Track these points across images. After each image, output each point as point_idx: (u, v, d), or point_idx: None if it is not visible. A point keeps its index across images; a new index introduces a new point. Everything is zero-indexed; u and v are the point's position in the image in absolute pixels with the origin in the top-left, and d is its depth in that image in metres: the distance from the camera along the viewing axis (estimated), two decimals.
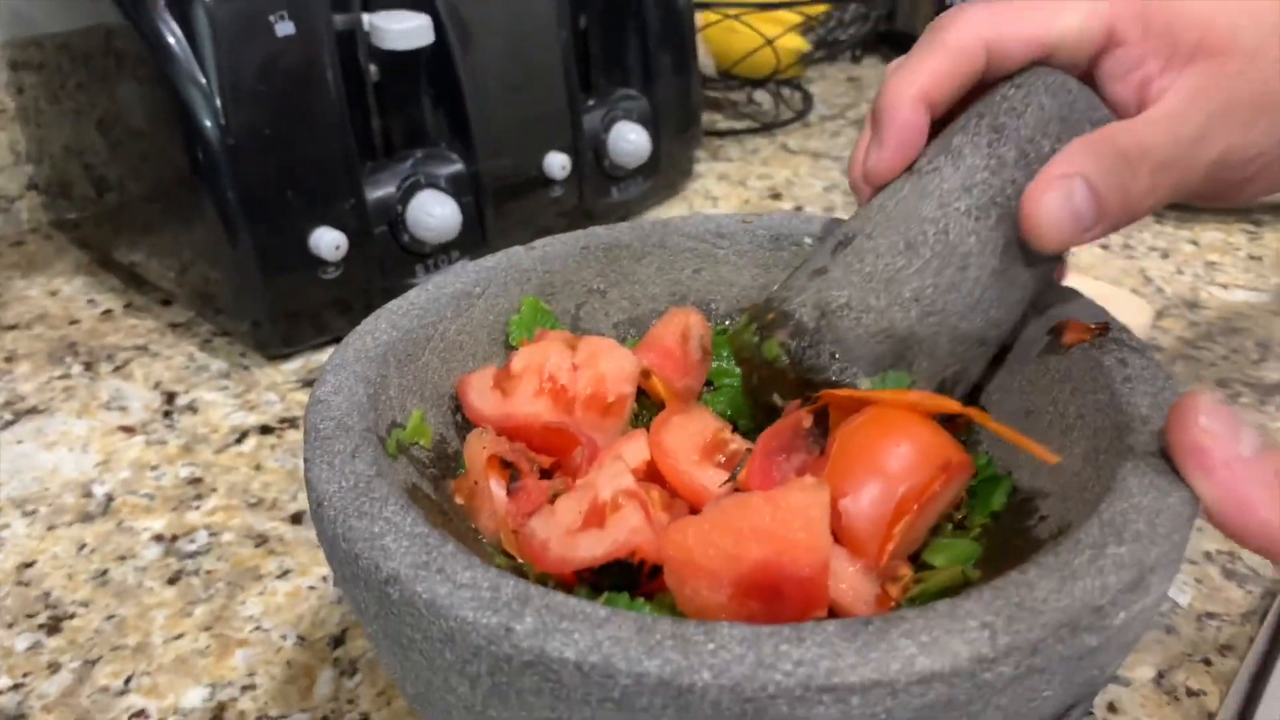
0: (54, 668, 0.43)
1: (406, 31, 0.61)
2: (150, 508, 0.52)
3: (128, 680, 0.42)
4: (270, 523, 0.50)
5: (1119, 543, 0.26)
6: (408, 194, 0.64)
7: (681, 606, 0.28)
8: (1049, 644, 0.24)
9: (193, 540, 0.49)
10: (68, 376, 0.63)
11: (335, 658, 0.43)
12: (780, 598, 0.27)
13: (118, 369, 0.63)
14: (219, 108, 0.56)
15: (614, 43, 0.77)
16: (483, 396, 0.37)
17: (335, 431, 0.31)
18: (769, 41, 0.93)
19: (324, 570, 0.47)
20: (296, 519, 0.50)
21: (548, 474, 0.35)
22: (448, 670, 0.26)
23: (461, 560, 0.26)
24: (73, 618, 0.45)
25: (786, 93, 1.06)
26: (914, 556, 0.32)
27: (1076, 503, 0.31)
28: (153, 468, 0.55)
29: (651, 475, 0.35)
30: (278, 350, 0.63)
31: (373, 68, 0.64)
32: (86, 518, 0.51)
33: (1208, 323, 0.66)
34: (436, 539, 0.27)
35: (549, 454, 0.35)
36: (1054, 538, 0.30)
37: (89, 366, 0.64)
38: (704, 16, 0.91)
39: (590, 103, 0.75)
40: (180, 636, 0.44)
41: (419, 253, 0.65)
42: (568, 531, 0.30)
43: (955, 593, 0.26)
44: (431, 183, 0.65)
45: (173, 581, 0.47)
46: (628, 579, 0.30)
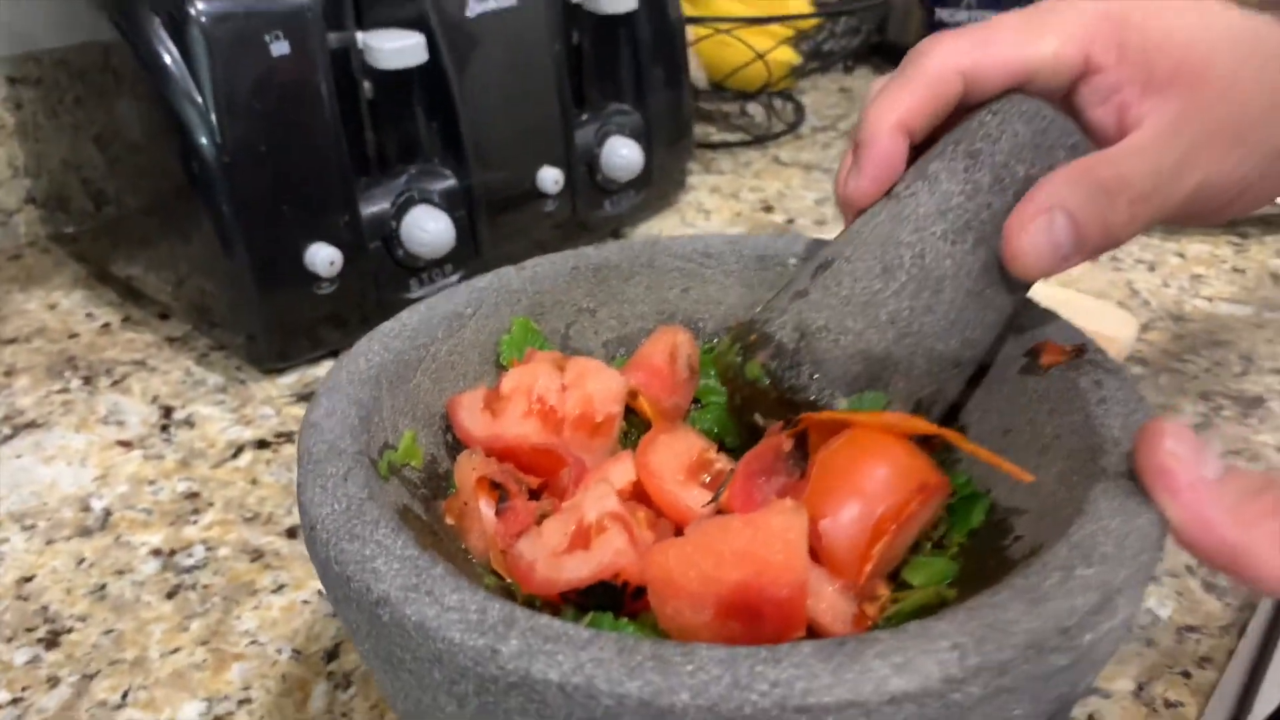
0: (53, 681, 0.43)
1: (400, 51, 0.62)
2: (148, 522, 0.52)
3: (125, 694, 0.43)
4: (266, 537, 0.51)
5: (1087, 565, 0.27)
6: (402, 209, 0.64)
7: (664, 626, 0.29)
8: (1017, 664, 0.25)
9: (190, 555, 0.50)
10: (66, 390, 0.64)
11: (330, 671, 0.43)
12: (760, 618, 0.28)
13: (116, 383, 0.64)
14: (215, 125, 0.57)
15: (606, 58, 0.78)
16: (473, 417, 0.37)
17: (328, 455, 0.32)
18: (760, 56, 0.93)
19: (318, 585, 0.48)
20: (292, 533, 0.51)
21: (536, 494, 0.36)
22: (436, 689, 0.27)
23: (450, 583, 0.27)
24: (71, 632, 0.46)
25: (779, 104, 1.07)
26: (894, 574, 0.33)
27: (1050, 522, 0.31)
28: (150, 482, 0.55)
29: (638, 495, 0.35)
30: (273, 364, 0.64)
31: (367, 85, 0.65)
32: (85, 532, 0.52)
33: (1192, 335, 0.66)
34: (426, 561, 0.28)
35: (537, 474, 0.36)
36: (1027, 558, 0.30)
37: (87, 380, 0.65)
38: (695, 31, 0.92)
39: (583, 117, 0.76)
40: (177, 650, 0.45)
41: (413, 267, 0.66)
42: (554, 553, 0.31)
43: (931, 612, 0.27)
44: (425, 198, 0.65)
45: (170, 596, 0.48)
46: (612, 599, 0.31)
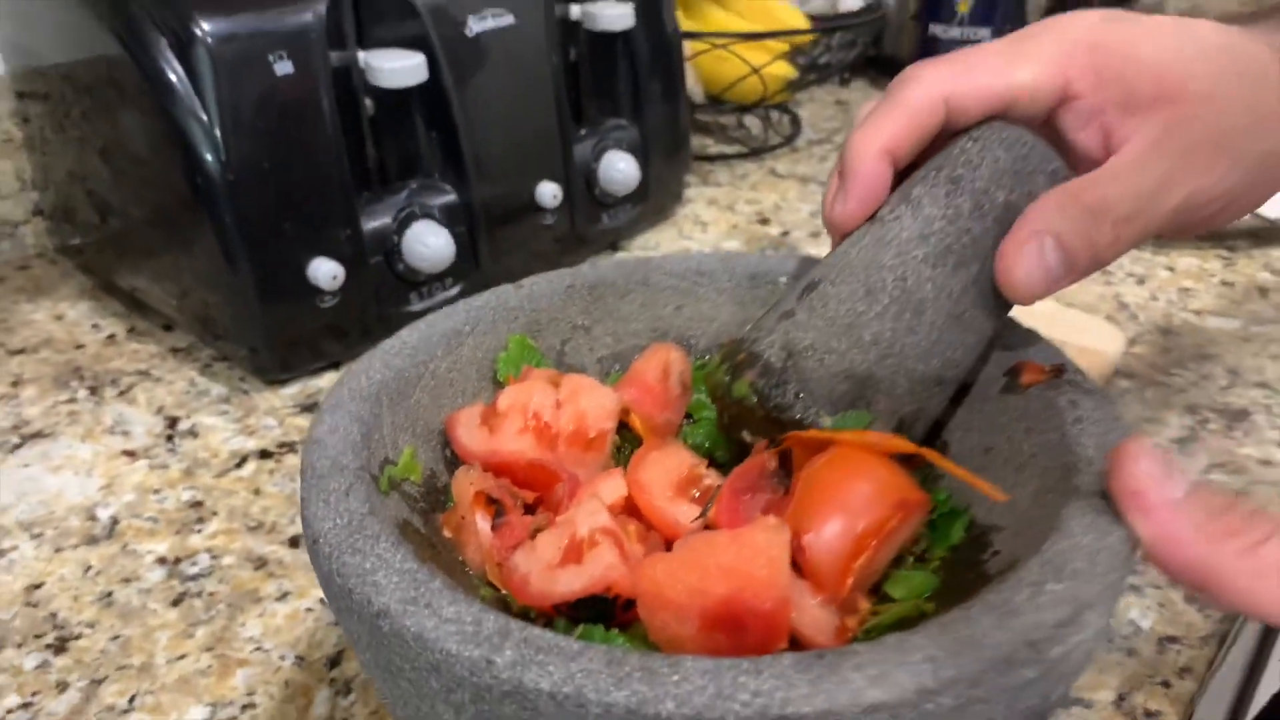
0: (62, 687, 0.44)
1: (400, 70, 0.63)
2: (154, 531, 0.54)
3: (132, 699, 0.44)
4: (269, 546, 0.52)
5: (1058, 580, 0.28)
6: (403, 224, 0.66)
7: (653, 637, 0.30)
8: (989, 676, 0.26)
9: (195, 563, 0.51)
10: (73, 401, 0.65)
11: (332, 678, 0.45)
12: (744, 630, 0.29)
13: (121, 393, 0.65)
14: (220, 142, 0.58)
15: (604, 74, 0.79)
16: (470, 433, 0.39)
17: (330, 470, 0.33)
18: (756, 70, 0.95)
19: (321, 593, 0.49)
20: (295, 542, 0.52)
21: (531, 508, 0.37)
22: (434, 698, 0.28)
23: (447, 596, 0.28)
24: (79, 638, 0.47)
25: (775, 117, 1.08)
26: (876, 588, 0.34)
27: (1026, 538, 0.32)
28: (155, 491, 0.56)
29: (629, 509, 0.37)
30: (276, 375, 0.65)
31: (368, 103, 0.66)
32: (92, 540, 0.53)
33: (1179, 349, 0.68)
34: (424, 575, 0.29)
35: (532, 489, 0.37)
36: (1003, 573, 0.31)
37: (94, 391, 0.66)
38: (692, 46, 0.93)
39: (581, 132, 0.77)
40: (183, 657, 0.46)
41: (414, 281, 0.67)
42: (548, 566, 0.32)
43: (910, 624, 0.28)
44: (426, 213, 0.67)
45: (175, 603, 0.49)
46: (603, 611, 0.32)
